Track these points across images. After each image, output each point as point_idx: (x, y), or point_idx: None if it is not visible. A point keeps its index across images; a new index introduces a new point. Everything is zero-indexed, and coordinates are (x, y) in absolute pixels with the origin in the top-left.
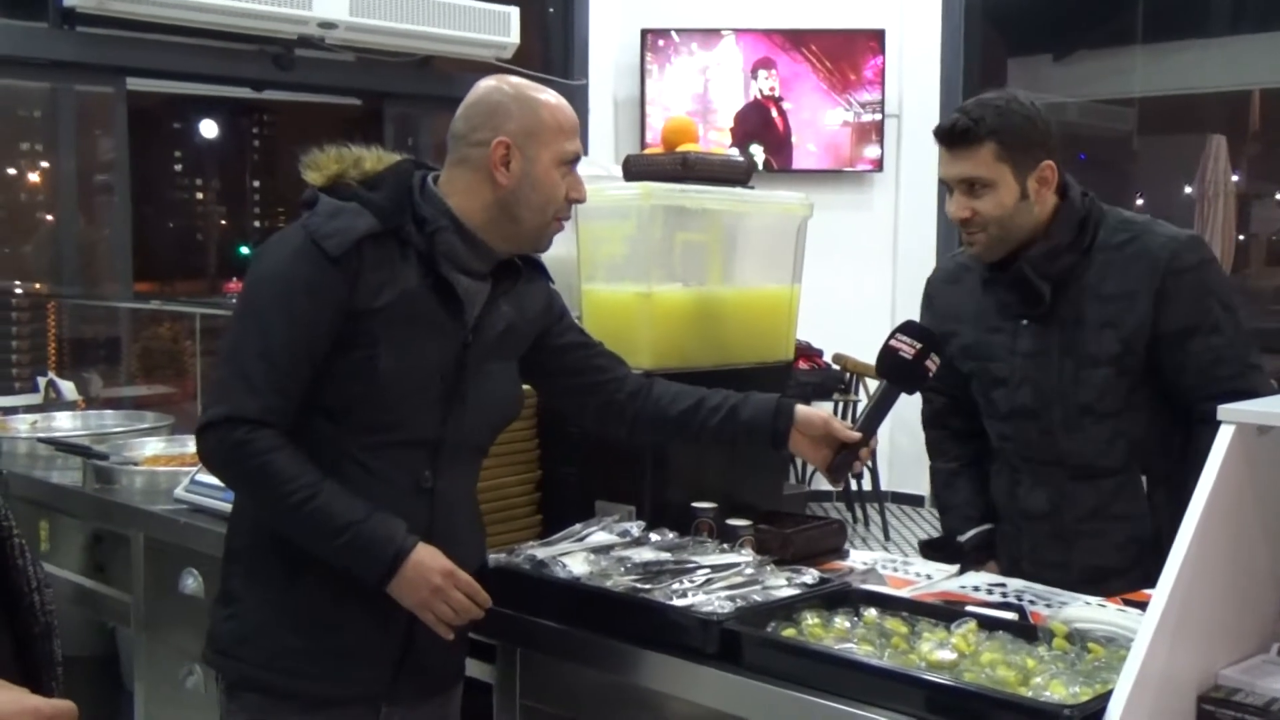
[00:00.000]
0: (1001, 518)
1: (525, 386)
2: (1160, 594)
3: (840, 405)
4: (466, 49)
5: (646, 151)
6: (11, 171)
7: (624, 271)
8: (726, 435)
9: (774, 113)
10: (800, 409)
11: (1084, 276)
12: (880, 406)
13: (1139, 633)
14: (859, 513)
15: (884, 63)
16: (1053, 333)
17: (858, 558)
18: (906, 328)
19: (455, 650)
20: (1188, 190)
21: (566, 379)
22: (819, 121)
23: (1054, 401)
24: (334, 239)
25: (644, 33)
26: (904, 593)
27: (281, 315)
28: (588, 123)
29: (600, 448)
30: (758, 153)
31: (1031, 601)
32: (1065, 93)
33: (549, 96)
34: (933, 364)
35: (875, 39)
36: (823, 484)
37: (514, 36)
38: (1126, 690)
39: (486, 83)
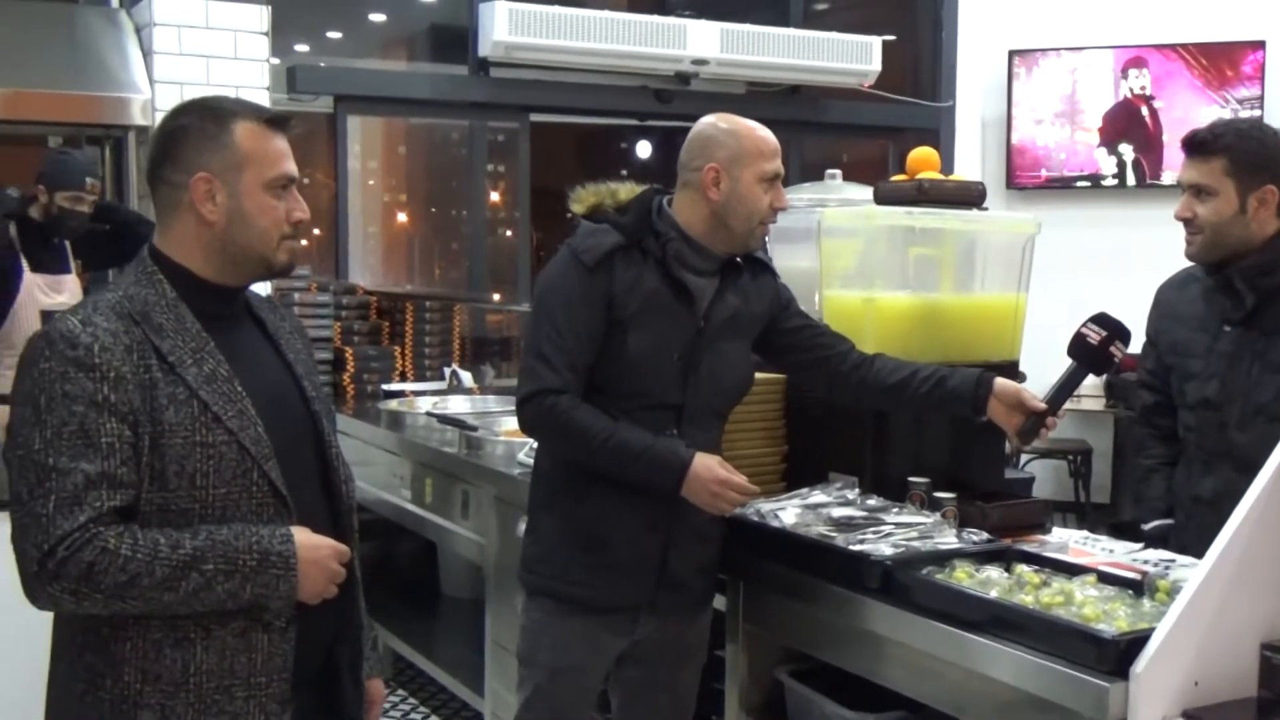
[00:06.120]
0: (1177, 507)
1: (778, 375)
2: (1215, 549)
3: None
4: (830, 78)
5: (893, 179)
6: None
7: (854, 280)
8: (934, 400)
9: (1144, 111)
10: (999, 380)
11: None
12: (1067, 384)
13: (1189, 580)
14: None
15: (1264, 58)
16: (1251, 339)
17: (1059, 535)
18: (1097, 318)
19: (704, 573)
20: None
21: (798, 355)
22: (1192, 119)
23: (1235, 397)
24: (589, 253)
25: (1011, 53)
26: (1080, 560)
27: (563, 311)
28: (953, 142)
29: (835, 426)
30: (1127, 152)
31: None
32: None
33: (753, 128)
34: (1117, 350)
35: (1257, 47)
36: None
37: (875, 65)
38: (1168, 626)
39: (704, 120)
